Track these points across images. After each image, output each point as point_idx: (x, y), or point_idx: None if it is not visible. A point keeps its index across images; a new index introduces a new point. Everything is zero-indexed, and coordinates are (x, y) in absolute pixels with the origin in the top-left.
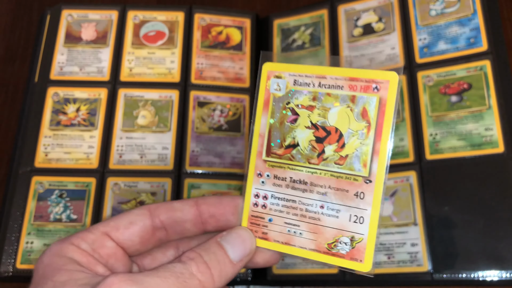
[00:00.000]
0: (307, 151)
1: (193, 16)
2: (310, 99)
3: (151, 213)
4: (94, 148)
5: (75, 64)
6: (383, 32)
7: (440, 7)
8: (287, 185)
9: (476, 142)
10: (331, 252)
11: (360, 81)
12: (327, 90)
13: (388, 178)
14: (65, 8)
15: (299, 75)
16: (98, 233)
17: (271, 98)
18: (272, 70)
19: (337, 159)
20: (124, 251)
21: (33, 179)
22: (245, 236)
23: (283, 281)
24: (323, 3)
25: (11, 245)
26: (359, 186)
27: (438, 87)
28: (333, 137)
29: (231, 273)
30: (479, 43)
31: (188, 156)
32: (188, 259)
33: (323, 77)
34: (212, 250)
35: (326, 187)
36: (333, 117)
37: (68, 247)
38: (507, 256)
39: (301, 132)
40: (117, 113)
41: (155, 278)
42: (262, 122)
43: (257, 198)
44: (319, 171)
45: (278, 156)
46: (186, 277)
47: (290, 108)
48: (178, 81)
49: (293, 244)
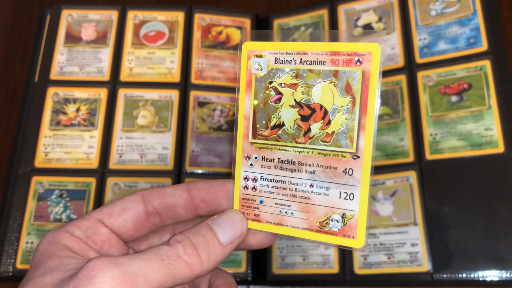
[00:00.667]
0: (293, 131)
1: (193, 16)
2: (292, 77)
3: (144, 199)
4: (94, 148)
5: (75, 64)
6: (383, 32)
7: (440, 7)
8: (276, 166)
9: (476, 142)
10: (324, 230)
11: (342, 55)
12: (309, 67)
13: (388, 178)
14: (65, 8)
15: (279, 53)
16: (92, 220)
17: (253, 78)
18: (252, 50)
19: (323, 136)
20: (118, 237)
21: (33, 179)
22: (236, 218)
23: (283, 281)
24: (323, 3)
25: (11, 245)
26: (347, 163)
27: (438, 87)
28: (318, 114)
29: (221, 255)
30: (479, 43)
31: (188, 156)
32: (176, 242)
33: (304, 53)
34: (201, 232)
35: (314, 166)
36: (317, 93)
37: (62, 235)
38: (507, 256)
39: (285, 111)
40: (117, 113)
41: (138, 260)
42: (246, 104)
43: (247, 180)
44: (306, 150)
45: (265, 137)
46: (171, 259)
47: (273, 87)
48: (178, 81)
49: (285, 224)
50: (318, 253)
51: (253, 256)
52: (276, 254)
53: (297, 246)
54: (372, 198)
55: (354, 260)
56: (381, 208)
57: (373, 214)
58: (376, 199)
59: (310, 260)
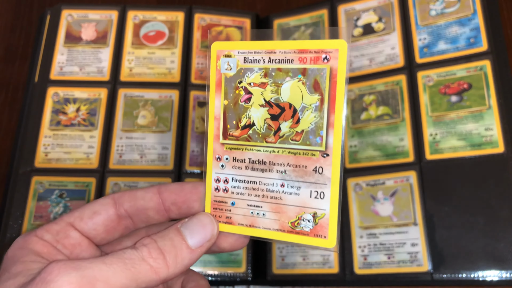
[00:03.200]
0: (263, 130)
1: (193, 16)
2: (261, 76)
3: (115, 202)
4: (94, 148)
5: (75, 64)
6: (383, 32)
7: (440, 7)
8: (247, 166)
9: (476, 142)
10: (295, 231)
11: (310, 53)
12: (278, 65)
13: (388, 178)
14: (65, 8)
15: (248, 52)
16: (62, 224)
17: (223, 78)
18: (221, 49)
19: (293, 135)
20: (90, 241)
21: (33, 179)
22: (206, 221)
23: (283, 281)
24: (323, 3)
25: None
26: (317, 161)
27: (438, 87)
28: (287, 113)
29: (188, 258)
30: (479, 43)
31: (188, 156)
32: (141, 245)
33: (273, 52)
34: (169, 236)
35: (284, 165)
36: (286, 92)
37: (31, 239)
38: (507, 256)
39: (255, 111)
40: (117, 113)
41: (99, 264)
42: (216, 104)
43: (218, 182)
44: (276, 149)
45: (235, 137)
46: (135, 263)
47: (242, 87)
48: (178, 81)
49: (258, 226)
50: (318, 253)
51: (253, 256)
52: (276, 254)
53: (297, 246)
54: (372, 198)
55: (354, 260)
56: (381, 208)
57: (373, 214)
58: (376, 199)
59: (310, 260)
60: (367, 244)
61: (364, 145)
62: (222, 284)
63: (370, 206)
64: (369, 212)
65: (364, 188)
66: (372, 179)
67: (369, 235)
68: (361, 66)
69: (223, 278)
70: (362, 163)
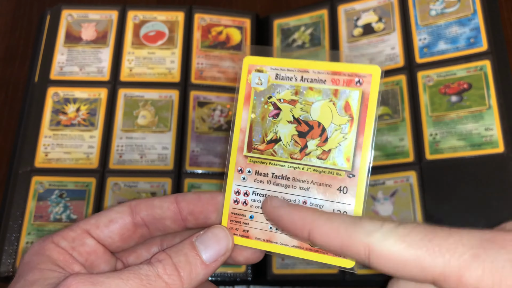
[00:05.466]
0: (290, 146)
1: (193, 16)
2: (292, 93)
3: (132, 210)
4: (94, 148)
5: (75, 64)
6: (383, 32)
7: (440, 7)
8: (269, 181)
9: (476, 142)
10: (314, 249)
11: (343, 75)
12: (310, 84)
13: (388, 178)
14: (65, 8)
15: (281, 69)
16: (78, 231)
17: (252, 92)
18: (253, 64)
19: (320, 153)
20: (105, 248)
21: (33, 179)
22: (221, 236)
23: (283, 281)
24: (323, 3)
25: (11, 245)
26: (342, 181)
27: (438, 87)
28: (315, 131)
29: (203, 274)
30: (479, 43)
31: (188, 156)
32: (156, 261)
33: (306, 71)
34: (184, 251)
35: (308, 182)
36: (316, 111)
37: (47, 246)
38: None
39: (283, 126)
40: (117, 113)
41: (116, 279)
42: (243, 117)
43: (238, 195)
44: (301, 166)
45: (260, 151)
46: (151, 279)
47: (272, 102)
48: (178, 81)
49: (275, 242)
50: None
51: None
52: None
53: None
54: (372, 198)
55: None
56: (381, 208)
57: (373, 214)
58: (376, 199)
59: None
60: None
61: None
62: (222, 284)
63: (370, 206)
64: (369, 212)
65: None
66: (372, 179)
67: None
68: None
69: (223, 278)
70: None
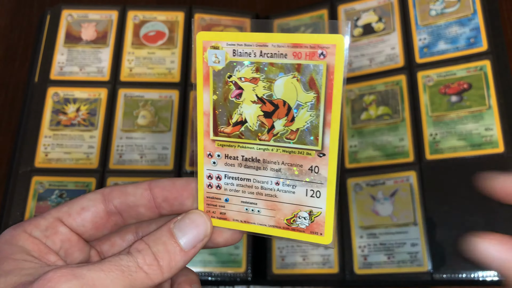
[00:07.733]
0: (256, 128)
1: (193, 16)
2: (253, 70)
3: (105, 197)
4: (94, 148)
5: (75, 64)
6: (383, 32)
7: (440, 7)
8: (240, 164)
9: (476, 142)
10: (291, 227)
11: (305, 47)
12: (270, 60)
13: (388, 178)
14: (65, 8)
15: (238, 44)
16: (51, 219)
17: (211, 71)
18: (207, 40)
19: (288, 134)
20: (79, 237)
21: (33, 179)
22: (199, 221)
23: (283, 281)
24: (323, 3)
25: None
26: (313, 160)
27: (438, 87)
28: (281, 110)
29: (182, 261)
30: (479, 43)
31: (188, 156)
32: (136, 251)
33: (264, 45)
34: (162, 239)
35: (279, 164)
36: (279, 89)
37: (20, 235)
38: None
39: (247, 107)
40: (117, 113)
41: (98, 272)
42: (204, 99)
43: (210, 179)
44: (270, 148)
45: (227, 134)
46: (132, 271)
47: (232, 82)
48: (178, 81)
49: (253, 222)
50: (318, 253)
51: (253, 256)
52: (276, 254)
53: (297, 246)
54: (372, 198)
55: (354, 260)
56: (381, 208)
57: (373, 214)
58: (376, 199)
59: (310, 260)
60: (367, 244)
61: (364, 145)
62: (222, 284)
63: (370, 206)
64: (369, 212)
65: (364, 188)
66: (372, 179)
67: (369, 235)
68: (361, 66)
69: (223, 278)
70: (362, 163)
